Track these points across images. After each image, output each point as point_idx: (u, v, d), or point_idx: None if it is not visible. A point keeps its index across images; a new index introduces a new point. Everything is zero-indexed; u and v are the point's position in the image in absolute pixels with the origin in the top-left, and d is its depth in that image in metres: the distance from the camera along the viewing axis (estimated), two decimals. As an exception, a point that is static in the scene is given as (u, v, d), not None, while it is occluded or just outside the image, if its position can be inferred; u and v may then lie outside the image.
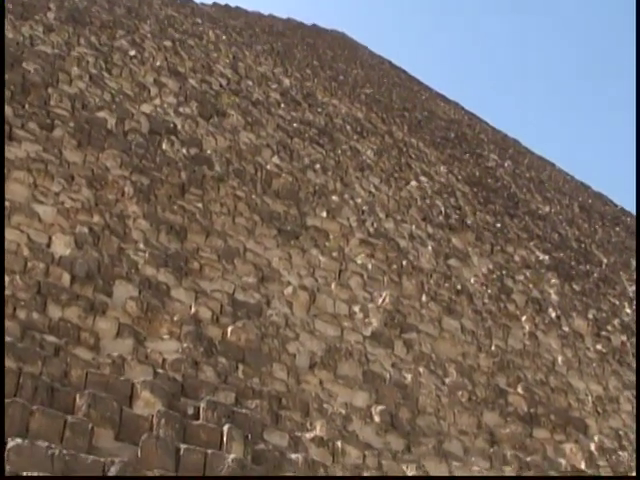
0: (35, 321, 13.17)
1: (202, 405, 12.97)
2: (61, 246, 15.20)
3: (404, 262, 22.47)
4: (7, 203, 15.05)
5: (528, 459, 17.25)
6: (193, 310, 15.66)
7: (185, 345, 14.52)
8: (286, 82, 31.60)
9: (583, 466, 18.28)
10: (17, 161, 16.44)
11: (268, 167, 23.11)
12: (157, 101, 23.05)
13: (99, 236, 16.01)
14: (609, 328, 26.46)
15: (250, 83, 29.08)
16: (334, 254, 20.78)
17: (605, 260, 33.45)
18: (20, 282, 13.60)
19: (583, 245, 33.74)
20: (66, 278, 14.44)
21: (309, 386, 15.65)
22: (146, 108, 22.19)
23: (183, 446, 11.68)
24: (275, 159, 24.00)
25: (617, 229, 40.48)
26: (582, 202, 42.16)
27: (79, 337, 13.38)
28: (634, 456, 19.89)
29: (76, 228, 15.81)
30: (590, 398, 21.67)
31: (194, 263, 17.12)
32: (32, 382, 11.52)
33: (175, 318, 15.04)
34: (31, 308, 13.33)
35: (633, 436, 21.12)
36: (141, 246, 16.57)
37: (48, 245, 15.13)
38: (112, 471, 10.43)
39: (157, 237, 17.26)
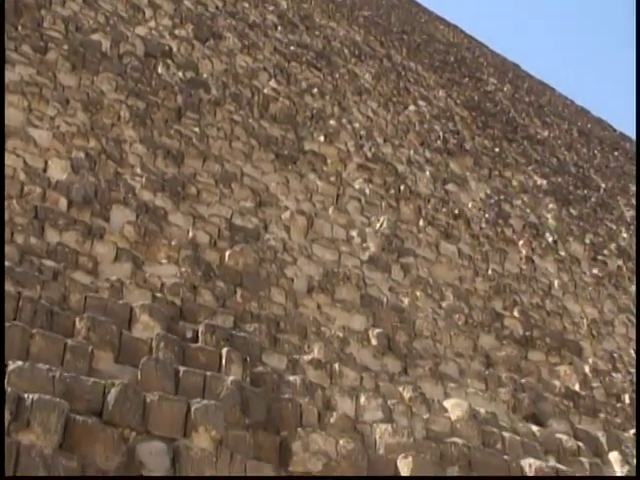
0: (33, 246, 13.15)
1: (201, 328, 13.07)
2: (57, 171, 15.08)
3: (402, 187, 22.39)
4: (2, 127, 14.89)
5: (523, 381, 17.48)
6: (191, 235, 15.65)
7: (183, 269, 14.56)
8: (283, 4, 30.95)
9: (577, 388, 18.54)
10: (11, 85, 16.19)
11: (265, 91, 22.82)
12: (152, 23, 22.59)
13: (95, 161, 15.89)
14: (605, 252, 26.56)
15: (246, 5, 28.49)
16: (332, 179, 20.68)
17: (603, 185, 33.38)
18: (17, 207, 13.55)
19: (581, 170, 33.61)
20: (63, 203, 14.38)
21: (307, 310, 15.75)
22: (141, 31, 21.76)
23: (182, 368, 11.81)
24: (272, 83, 23.68)
25: (616, 154, 40.28)
26: (581, 127, 41.84)
27: (77, 261, 13.40)
28: (627, 378, 20.17)
29: (72, 153, 15.67)
30: (585, 321, 21.88)
31: (191, 188, 17.04)
32: (31, 306, 11.57)
33: (173, 242, 15.04)
34: (29, 233, 13.30)
35: (627, 358, 21.39)
36: (138, 171, 16.47)
37: (44, 170, 15.01)
38: (112, 394, 10.54)
39: (154, 162, 17.13)
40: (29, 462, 9.22)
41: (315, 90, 25.02)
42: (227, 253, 15.74)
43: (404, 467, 12.40)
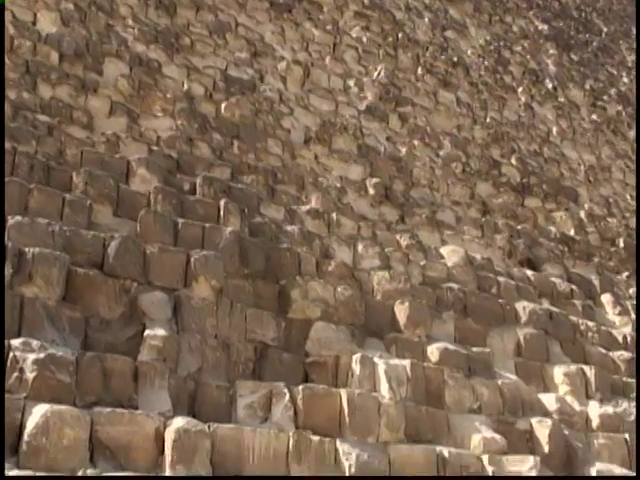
0: (26, 101, 12.88)
1: (198, 181, 12.98)
2: (47, 23, 14.59)
3: (400, 34, 21.76)
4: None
5: (519, 227, 17.56)
6: (186, 87, 15.32)
7: (179, 122, 14.32)
8: None
9: (572, 233, 18.64)
10: None
11: None
12: None
13: (85, 12, 15.35)
14: (605, 98, 26.12)
15: None
16: (328, 27, 20.07)
17: (605, 29, 32.44)
18: (8, 61, 13.17)
19: (583, 14, 32.58)
20: (54, 57, 13.98)
21: (304, 160, 15.62)
22: None
23: (181, 220, 11.80)
24: None
25: (619, -4, 38.92)
26: (585, -32, 40.26)
27: (72, 116, 13.15)
28: (622, 222, 20.26)
29: (61, 4, 15.12)
30: (582, 167, 21.77)
31: (185, 39, 16.55)
32: (27, 161, 11.44)
33: (168, 95, 14.73)
34: (21, 88, 13.00)
35: (623, 204, 21.41)
36: (130, 22, 15.94)
37: (34, 23, 14.51)
38: (112, 246, 10.57)
39: (146, 12, 16.57)
40: (33, 314, 9.35)
41: None
42: (223, 105, 15.46)
43: (401, 312, 12.60)
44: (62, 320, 9.54)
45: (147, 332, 9.88)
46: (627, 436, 12.58)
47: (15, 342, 8.77)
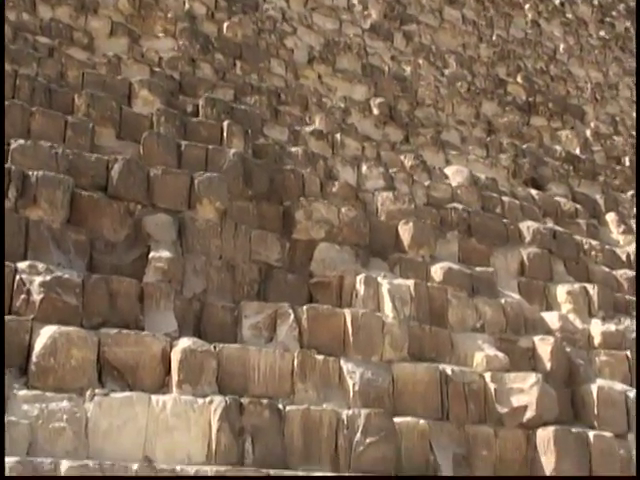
0: (26, 22, 12.64)
1: (201, 102, 12.80)
2: (44, -59, 14.17)
3: (405, -50, 21.14)
4: None
5: (524, 146, 17.36)
6: (187, 6, 14.98)
7: (181, 43, 14.06)
8: None
9: (578, 151, 18.44)
10: None
11: None
12: None
13: None
14: (614, 14, 25.51)
15: None
16: (331, -57, 19.47)
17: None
18: (5, -19, 12.87)
19: None
20: (53, -24, 13.64)
21: (308, 81, 15.37)
22: None
23: (184, 142, 11.68)
24: None
25: None
26: None
27: (72, 37, 12.92)
28: (629, 141, 20.01)
29: None
30: (589, 85, 21.39)
31: (185, -44, 16.09)
32: (29, 84, 11.27)
33: (169, 15, 14.42)
34: (20, 9, 12.74)
35: (630, 122, 21.10)
36: (129, -61, 15.48)
37: (30, -59, 14.10)
38: (115, 168, 10.49)
39: None
40: (38, 236, 9.33)
41: None
42: (225, 25, 15.15)
43: (405, 233, 12.56)
44: (67, 243, 9.53)
45: (152, 254, 9.88)
46: (629, 353, 12.65)
47: (21, 265, 8.78)
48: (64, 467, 7.20)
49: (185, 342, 8.99)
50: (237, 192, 11.41)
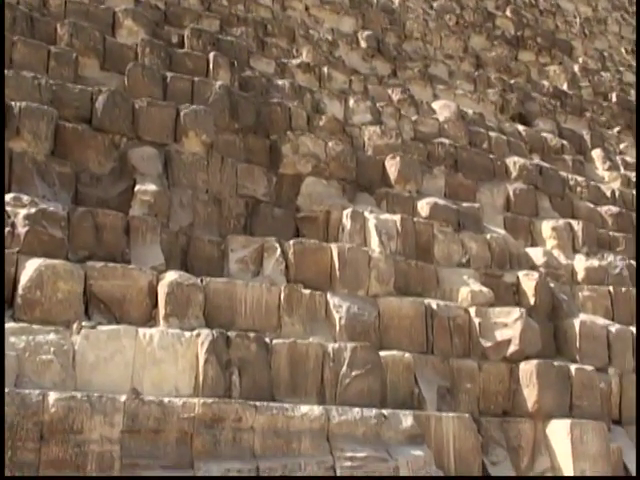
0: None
1: (186, 33, 12.51)
2: None
3: None
4: None
5: (512, 81, 17.16)
6: None
7: None
8: None
9: (565, 87, 18.26)
10: None
11: None
12: None
13: None
14: (605, -53, 25.02)
15: None
16: None
17: None
18: None
19: None
20: None
21: (295, 12, 15.04)
22: None
23: (169, 74, 11.43)
24: None
25: None
26: None
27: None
28: (616, 77, 19.83)
29: None
30: (578, 20, 21.10)
31: None
32: (10, 13, 10.93)
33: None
34: None
35: (617, 57, 20.89)
36: None
37: None
38: (100, 100, 10.26)
39: None
40: (22, 169, 9.15)
41: None
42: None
43: (392, 167, 12.44)
44: (52, 175, 9.36)
45: (138, 187, 9.73)
46: (611, 288, 12.72)
47: (5, 197, 8.61)
48: (52, 398, 7.18)
49: (172, 275, 8.92)
50: (223, 125, 11.22)
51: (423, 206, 12.22)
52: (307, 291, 9.82)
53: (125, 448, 7.31)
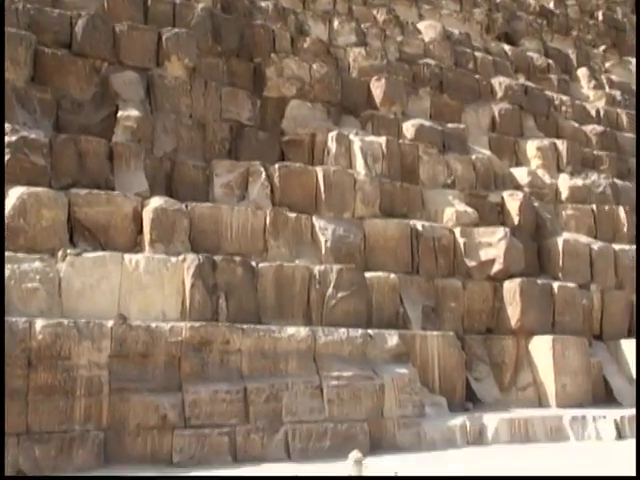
0: None
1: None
2: None
3: None
4: None
5: (498, 0, 16.63)
6: None
7: None
8: None
9: (552, 6, 17.75)
10: None
11: None
12: None
13: None
14: None
15: None
16: None
17: None
18: None
19: None
20: None
21: None
22: None
23: (150, -3, 11.00)
24: None
25: None
26: None
27: None
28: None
29: None
30: (565, -63, 20.36)
31: None
32: None
33: None
34: None
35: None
36: None
37: None
38: (79, 24, 9.85)
39: None
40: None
41: None
42: None
43: (377, 89, 12.11)
44: (32, 102, 9.04)
45: (120, 113, 9.42)
46: (594, 207, 12.56)
47: (-15, 125, 8.32)
48: (39, 325, 7.04)
49: (156, 201, 8.70)
50: (206, 48, 10.84)
51: (408, 128, 11.94)
52: (293, 214, 9.63)
53: (113, 372, 7.21)
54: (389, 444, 8.15)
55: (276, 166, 9.96)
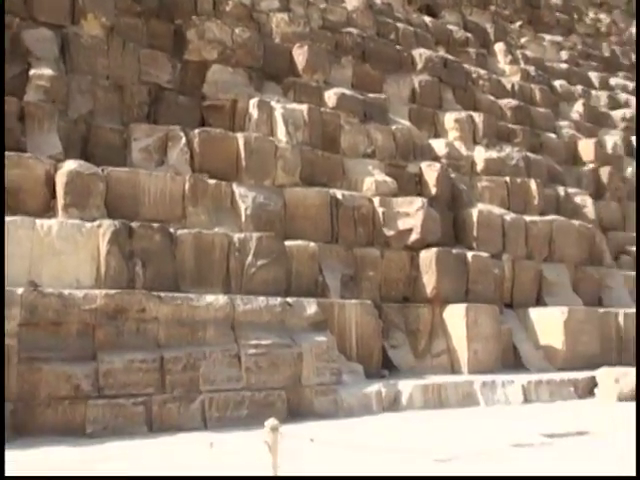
0: None
1: None
2: None
3: None
4: None
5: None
6: None
7: None
8: None
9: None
10: None
11: None
12: None
13: None
14: None
15: None
16: None
17: None
18: None
19: None
20: None
21: None
22: None
23: None
24: None
25: None
26: None
27: None
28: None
29: None
30: None
31: None
32: None
33: None
34: None
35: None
36: None
37: None
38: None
39: None
40: None
41: None
42: None
43: (299, 56, 11.83)
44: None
45: (33, 71, 8.89)
46: (508, 179, 12.63)
47: None
48: (-56, 292, 6.60)
49: (71, 165, 8.26)
50: (125, 7, 10.34)
51: (330, 96, 11.72)
52: (212, 181, 9.33)
53: (23, 341, 6.82)
54: (307, 411, 8.02)
55: (196, 131, 9.61)
